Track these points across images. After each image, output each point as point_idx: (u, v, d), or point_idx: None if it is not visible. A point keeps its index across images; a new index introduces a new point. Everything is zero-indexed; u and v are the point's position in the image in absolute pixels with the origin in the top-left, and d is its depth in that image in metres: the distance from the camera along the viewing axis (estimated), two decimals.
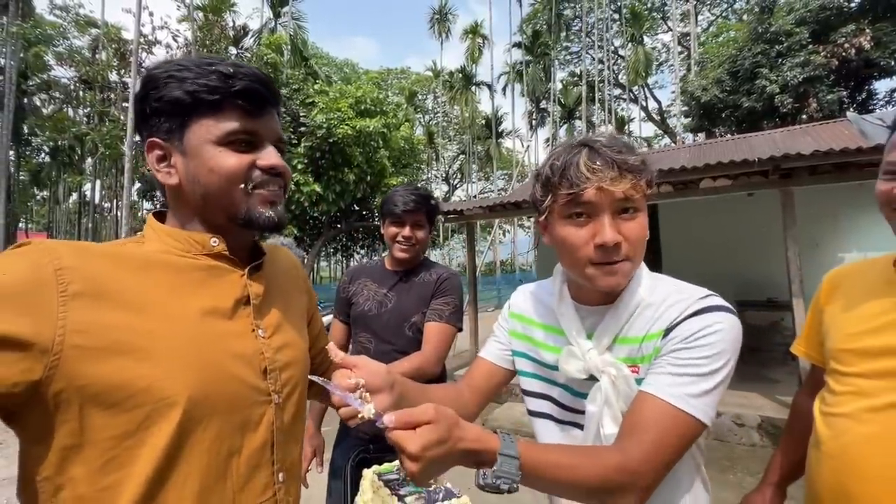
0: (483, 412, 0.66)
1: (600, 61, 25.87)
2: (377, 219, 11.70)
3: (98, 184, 26.53)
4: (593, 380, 0.80)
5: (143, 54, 16.55)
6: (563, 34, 28.81)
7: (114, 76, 20.88)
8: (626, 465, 0.66)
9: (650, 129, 34.98)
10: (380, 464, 1.09)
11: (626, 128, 30.53)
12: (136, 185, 16.99)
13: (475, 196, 31.09)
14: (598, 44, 25.56)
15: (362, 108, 13.18)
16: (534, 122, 30.74)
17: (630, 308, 0.80)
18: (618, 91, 28.89)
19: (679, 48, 24.61)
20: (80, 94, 22.34)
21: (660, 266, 6.82)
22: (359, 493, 1.03)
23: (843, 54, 11.91)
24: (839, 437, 0.87)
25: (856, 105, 13.23)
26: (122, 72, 19.53)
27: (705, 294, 0.77)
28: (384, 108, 14.10)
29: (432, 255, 26.45)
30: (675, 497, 0.80)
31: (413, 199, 1.64)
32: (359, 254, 19.41)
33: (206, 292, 0.66)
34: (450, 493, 0.94)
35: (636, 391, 0.75)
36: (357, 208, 15.22)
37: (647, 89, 29.77)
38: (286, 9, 22.21)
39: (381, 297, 1.70)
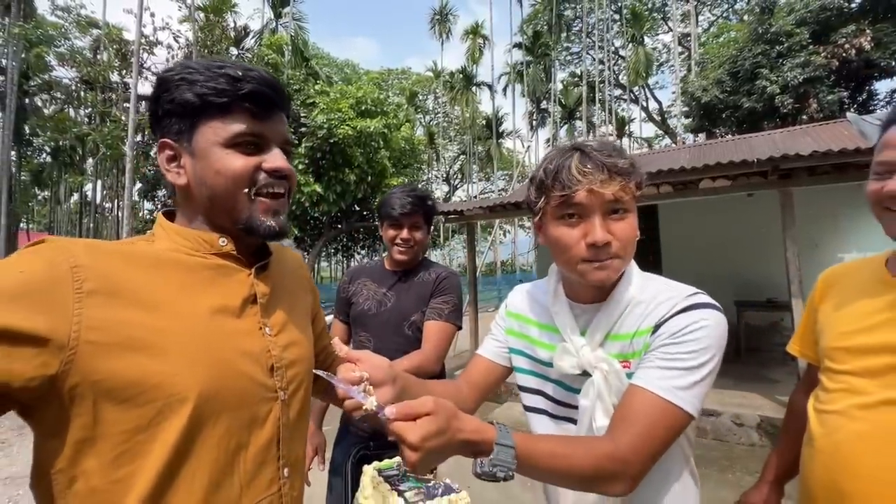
0: (483, 412, 0.68)
1: (601, 62, 25.83)
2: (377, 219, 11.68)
3: (99, 184, 26.55)
4: (586, 375, 0.83)
5: (145, 55, 16.57)
6: (563, 34, 28.76)
7: (115, 77, 20.88)
8: (616, 453, 0.68)
9: (651, 130, 35.00)
10: (380, 460, 1.10)
11: (627, 128, 30.51)
12: (137, 185, 17.01)
13: (475, 196, 31.04)
14: (599, 44, 25.52)
15: (363, 108, 13.19)
16: (534, 123, 30.71)
17: (621, 306, 0.83)
18: (618, 91, 28.85)
19: (679, 48, 24.58)
20: (82, 94, 22.32)
21: (659, 266, 6.82)
22: (359, 490, 1.03)
23: (844, 55, 11.89)
24: (832, 435, 0.88)
25: (856, 105, 13.21)
26: (124, 72, 19.53)
27: (693, 292, 0.80)
28: (385, 109, 14.11)
29: (433, 256, 26.43)
30: (665, 487, 0.83)
31: (410, 201, 1.65)
32: (359, 254, 19.42)
33: (215, 291, 0.67)
34: (448, 489, 0.95)
35: (627, 385, 0.78)
36: (358, 209, 15.24)
37: (647, 90, 29.75)
38: (287, 9, 22.25)
39: (380, 296, 1.71)
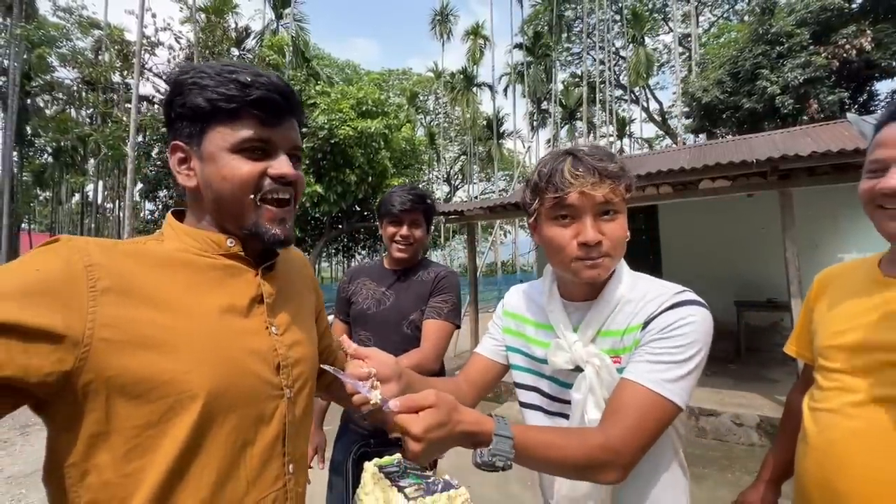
0: (483, 412, 0.72)
1: (601, 62, 25.80)
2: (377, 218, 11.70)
3: (100, 184, 26.60)
4: (579, 371, 0.86)
5: (146, 56, 16.58)
6: (564, 35, 28.76)
7: (116, 77, 20.93)
8: (608, 444, 0.71)
9: (651, 130, 35.00)
10: (380, 457, 1.11)
11: (628, 129, 30.52)
12: (139, 185, 17.03)
13: (476, 197, 31.07)
14: (600, 45, 25.49)
15: (364, 109, 13.22)
16: (535, 123, 30.69)
17: (612, 303, 0.86)
18: (619, 92, 28.86)
19: (680, 49, 24.55)
20: (83, 95, 22.39)
21: (659, 267, 6.85)
22: (360, 486, 1.04)
23: (844, 55, 11.88)
24: (825, 432, 0.90)
25: (857, 106, 13.20)
26: (125, 73, 19.56)
27: (680, 290, 0.84)
28: (385, 109, 14.14)
29: (433, 256, 26.41)
30: (654, 477, 0.86)
31: (410, 198, 1.67)
32: (360, 254, 19.42)
33: (223, 291, 0.69)
34: (448, 485, 0.96)
35: (618, 379, 0.81)
36: (358, 209, 15.25)
37: (648, 90, 29.73)
38: (288, 10, 22.26)
39: (379, 295, 1.72)
